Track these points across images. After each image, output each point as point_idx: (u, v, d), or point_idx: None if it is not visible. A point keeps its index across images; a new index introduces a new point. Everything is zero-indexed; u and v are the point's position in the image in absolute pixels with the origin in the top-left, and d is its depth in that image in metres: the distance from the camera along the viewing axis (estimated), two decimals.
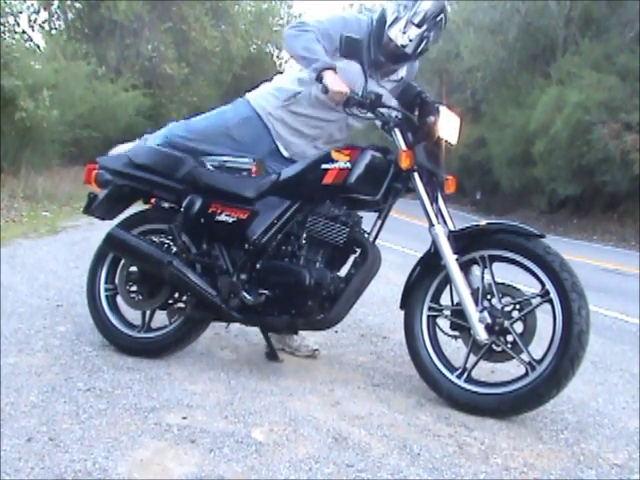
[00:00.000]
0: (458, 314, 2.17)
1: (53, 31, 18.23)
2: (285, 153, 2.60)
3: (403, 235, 2.28)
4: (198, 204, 2.38)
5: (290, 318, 2.30)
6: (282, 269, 2.30)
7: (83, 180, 2.69)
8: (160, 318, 2.52)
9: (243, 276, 2.36)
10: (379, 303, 3.93)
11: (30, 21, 17.67)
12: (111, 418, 1.92)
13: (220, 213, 2.37)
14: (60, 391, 2.12)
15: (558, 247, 2.10)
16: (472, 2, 22.76)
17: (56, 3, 18.39)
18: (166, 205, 2.57)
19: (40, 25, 18.22)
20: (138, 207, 2.65)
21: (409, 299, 2.28)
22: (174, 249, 2.45)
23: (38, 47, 15.90)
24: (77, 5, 18.35)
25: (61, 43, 15.35)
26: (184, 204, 2.40)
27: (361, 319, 3.46)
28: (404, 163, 2.16)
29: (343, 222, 2.24)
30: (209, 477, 1.61)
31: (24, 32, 16.24)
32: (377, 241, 2.31)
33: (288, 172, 2.38)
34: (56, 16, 18.77)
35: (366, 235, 2.30)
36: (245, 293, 2.31)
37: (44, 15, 18.27)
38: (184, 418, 1.95)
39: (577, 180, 14.69)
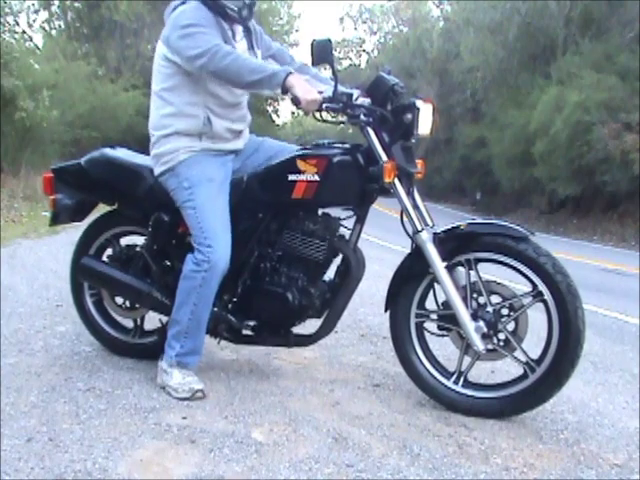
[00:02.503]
0: (446, 317, 2.14)
1: (53, 31, 18.24)
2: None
3: (402, 234, 2.29)
4: (165, 224, 2.26)
5: (281, 337, 2.29)
6: (265, 293, 2.22)
7: (42, 190, 2.57)
8: (154, 321, 2.52)
9: (226, 297, 2.27)
10: (379, 303, 3.90)
11: (29, 20, 17.70)
12: (111, 418, 1.92)
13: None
14: (60, 391, 2.12)
15: (558, 247, 2.10)
16: (472, 2, 22.78)
17: (56, 3, 18.40)
18: None
19: (40, 25, 18.25)
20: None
21: (394, 307, 2.21)
22: (151, 265, 2.37)
23: (38, 47, 15.92)
24: (77, 5, 18.35)
25: (61, 43, 15.38)
26: (150, 223, 2.29)
27: (361, 319, 3.45)
28: (388, 177, 2.01)
29: (320, 236, 2.15)
30: (209, 477, 1.61)
31: (24, 32, 16.26)
32: (377, 241, 2.30)
33: (252, 179, 2.23)
34: (56, 16, 18.78)
35: (346, 238, 2.21)
36: (231, 316, 2.26)
37: (44, 15, 18.30)
38: (184, 418, 1.95)
39: (577, 180, 14.69)
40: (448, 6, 29.78)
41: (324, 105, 2.01)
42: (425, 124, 2.08)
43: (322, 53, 1.93)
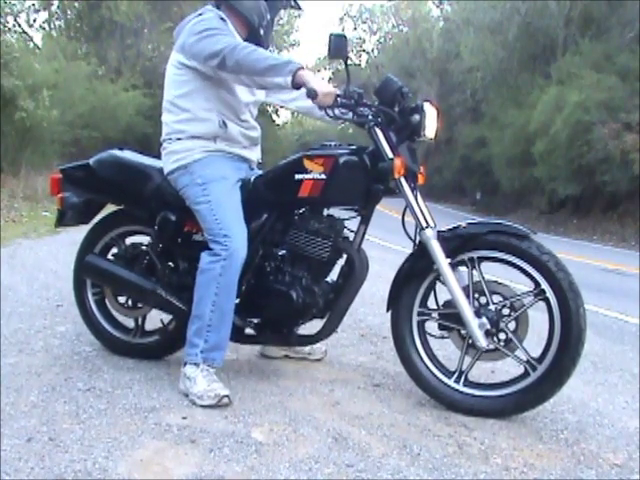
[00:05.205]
0: (447, 316, 2.14)
1: (53, 31, 18.24)
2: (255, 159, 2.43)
3: (403, 235, 2.28)
4: (171, 223, 2.27)
5: (283, 337, 2.30)
6: (269, 292, 2.22)
7: (49, 191, 2.57)
8: (155, 321, 2.51)
9: None
10: (379, 303, 3.92)
11: (29, 20, 17.69)
12: (111, 418, 1.92)
13: (196, 232, 2.27)
14: (60, 391, 2.12)
15: (558, 247, 2.10)
16: (472, 2, 22.79)
17: (56, 3, 18.39)
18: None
19: (40, 25, 18.24)
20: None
21: (396, 306, 2.22)
22: (156, 263, 2.38)
23: (38, 47, 15.92)
24: (76, 5, 18.35)
25: (61, 43, 15.37)
26: (157, 222, 2.29)
27: (361, 319, 3.46)
28: (398, 173, 2.04)
29: (325, 235, 2.16)
30: (209, 477, 1.61)
31: (24, 32, 16.26)
32: (378, 241, 2.30)
33: (259, 180, 2.27)
34: (56, 16, 18.78)
35: (350, 240, 2.23)
36: (234, 315, 2.23)
37: (44, 15, 18.30)
38: (184, 418, 1.95)
39: (577, 180, 14.70)
40: (448, 6, 29.80)
41: (338, 100, 2.03)
42: (431, 127, 2.11)
43: (337, 48, 1.96)
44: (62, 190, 2.45)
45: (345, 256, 2.22)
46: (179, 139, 2.21)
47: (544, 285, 2.00)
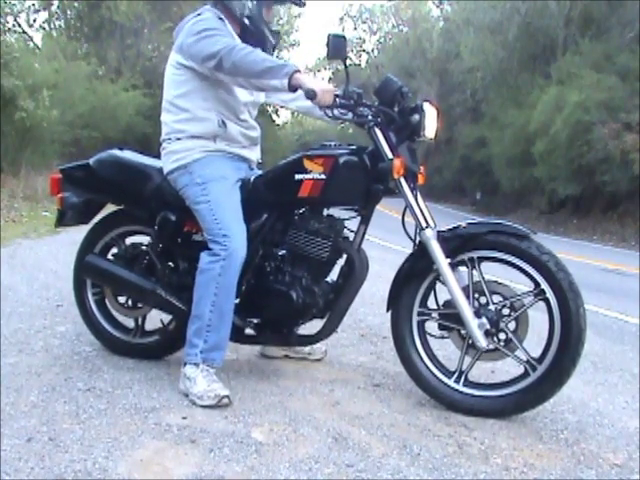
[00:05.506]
0: (447, 316, 2.14)
1: (53, 31, 18.24)
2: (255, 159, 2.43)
3: (403, 235, 2.28)
4: (171, 223, 2.27)
5: (283, 337, 2.30)
6: (269, 292, 2.22)
7: (49, 191, 2.58)
8: (155, 321, 2.51)
9: None
10: (379, 303, 3.92)
11: (29, 20, 17.69)
12: (111, 418, 1.92)
13: (196, 232, 2.28)
14: (60, 391, 2.12)
15: (558, 247, 2.10)
16: (472, 2, 22.80)
17: (56, 3, 18.39)
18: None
19: (40, 25, 18.25)
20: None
21: (396, 306, 2.22)
22: (156, 263, 2.38)
23: (38, 47, 15.92)
24: (76, 5, 18.35)
25: (61, 43, 15.37)
26: (157, 222, 2.29)
27: (361, 319, 3.46)
28: (397, 173, 2.04)
29: (325, 235, 2.17)
30: (209, 477, 1.61)
31: (24, 32, 16.26)
32: (378, 241, 2.30)
33: (259, 180, 2.27)
34: (56, 16, 18.78)
35: (350, 240, 2.23)
36: (234, 315, 2.22)
37: (44, 15, 18.30)
38: (184, 418, 1.95)
39: (577, 180, 14.70)
40: (448, 6, 29.82)
41: (337, 100, 2.03)
42: (431, 127, 2.11)
43: (336, 48, 1.96)
44: (62, 190, 2.45)
45: (345, 256, 2.23)
46: (179, 139, 2.22)
47: (544, 285, 2.00)
